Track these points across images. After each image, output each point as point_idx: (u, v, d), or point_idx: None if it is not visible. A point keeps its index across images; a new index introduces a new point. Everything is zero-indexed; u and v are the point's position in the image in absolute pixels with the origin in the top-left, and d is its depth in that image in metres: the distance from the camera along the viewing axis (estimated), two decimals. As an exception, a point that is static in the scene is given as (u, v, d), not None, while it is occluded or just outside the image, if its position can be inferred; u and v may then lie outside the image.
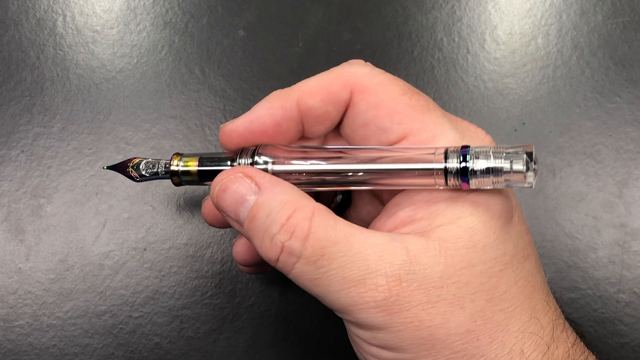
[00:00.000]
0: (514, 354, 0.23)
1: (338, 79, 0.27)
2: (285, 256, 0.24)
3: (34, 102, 0.38)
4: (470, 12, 0.41)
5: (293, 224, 0.24)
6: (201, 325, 0.35)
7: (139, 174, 0.31)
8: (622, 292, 0.35)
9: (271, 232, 0.24)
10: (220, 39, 0.40)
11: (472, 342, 0.23)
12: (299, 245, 0.24)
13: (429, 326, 0.23)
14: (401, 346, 0.24)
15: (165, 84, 0.39)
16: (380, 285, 0.23)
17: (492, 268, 0.24)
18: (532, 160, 0.24)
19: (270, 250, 0.24)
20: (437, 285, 0.23)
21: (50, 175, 0.37)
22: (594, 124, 0.38)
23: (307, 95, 0.27)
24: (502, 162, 0.24)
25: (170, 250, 0.36)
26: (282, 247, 0.24)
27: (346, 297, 0.24)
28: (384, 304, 0.23)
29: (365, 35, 0.40)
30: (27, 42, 0.39)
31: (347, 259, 0.24)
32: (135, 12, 0.40)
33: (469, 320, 0.23)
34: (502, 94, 0.39)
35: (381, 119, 0.27)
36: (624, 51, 0.39)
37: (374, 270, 0.23)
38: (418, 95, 0.27)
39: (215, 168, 0.28)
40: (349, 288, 0.24)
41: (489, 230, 0.24)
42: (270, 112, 0.27)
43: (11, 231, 0.36)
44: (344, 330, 0.27)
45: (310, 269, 0.24)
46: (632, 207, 0.36)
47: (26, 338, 0.34)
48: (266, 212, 0.24)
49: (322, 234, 0.24)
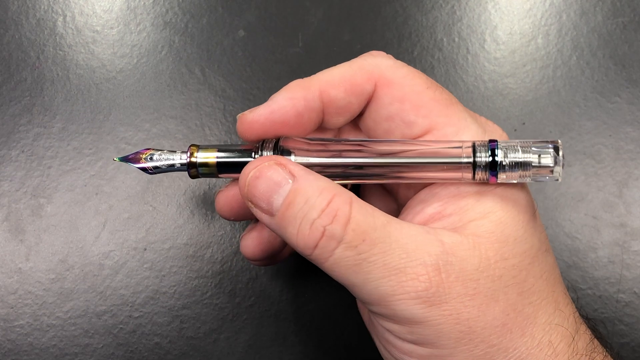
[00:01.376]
0: (542, 346, 0.24)
1: (362, 71, 0.27)
2: (325, 241, 0.23)
3: (34, 102, 0.38)
4: (470, 12, 0.41)
5: (334, 208, 0.23)
6: (201, 325, 0.35)
7: (153, 166, 0.29)
8: (622, 292, 0.35)
9: (311, 217, 0.24)
10: (220, 39, 0.40)
11: (506, 335, 0.23)
12: (340, 230, 0.23)
13: (467, 319, 0.23)
14: (439, 341, 0.23)
15: (165, 84, 0.39)
16: (421, 274, 0.23)
17: (522, 261, 0.24)
18: (560, 155, 0.24)
19: (310, 237, 0.24)
20: (473, 278, 0.23)
21: (50, 175, 0.37)
22: (594, 124, 0.38)
23: (330, 87, 0.27)
24: (531, 156, 0.24)
25: (170, 250, 0.36)
26: (323, 232, 0.23)
27: (386, 285, 0.23)
28: (425, 295, 0.23)
29: (365, 35, 0.40)
30: (27, 42, 0.39)
31: (387, 246, 0.23)
32: (135, 12, 0.40)
33: (503, 313, 0.23)
34: (502, 94, 0.39)
35: (406, 112, 0.27)
36: (624, 51, 0.39)
37: (414, 259, 0.23)
38: (441, 89, 0.27)
39: (235, 160, 0.28)
40: (390, 276, 0.23)
41: (518, 224, 0.25)
42: (293, 103, 0.27)
43: (11, 231, 0.36)
44: (344, 331, 0.27)
45: (350, 254, 0.23)
46: (632, 207, 0.36)
47: (26, 338, 0.34)
48: (304, 198, 0.24)
49: (362, 220, 0.23)
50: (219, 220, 0.36)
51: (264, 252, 0.30)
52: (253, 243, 0.30)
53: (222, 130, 0.38)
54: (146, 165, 0.29)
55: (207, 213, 0.36)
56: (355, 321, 0.35)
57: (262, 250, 0.30)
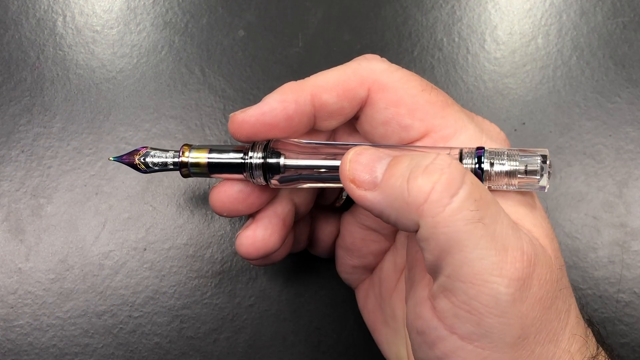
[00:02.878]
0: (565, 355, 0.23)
1: (355, 75, 0.27)
2: (442, 190, 0.22)
3: (34, 102, 0.38)
4: (470, 12, 0.41)
5: (443, 162, 0.22)
6: (201, 325, 0.35)
7: (146, 165, 0.29)
8: (622, 292, 0.35)
9: (423, 164, 0.22)
10: (220, 39, 0.40)
11: (546, 345, 0.23)
12: (459, 179, 0.22)
13: (530, 325, 0.22)
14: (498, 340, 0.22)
15: (165, 84, 0.39)
16: (518, 261, 0.22)
17: (561, 271, 0.24)
18: (547, 164, 0.24)
19: (425, 181, 0.22)
20: (546, 283, 0.23)
21: (50, 175, 0.37)
22: (594, 124, 0.38)
23: (323, 90, 0.27)
24: (517, 164, 0.24)
25: (170, 250, 0.36)
26: (442, 171, 0.22)
27: (488, 260, 0.21)
28: (515, 286, 0.21)
29: (365, 35, 0.40)
30: (27, 42, 0.39)
31: (498, 214, 0.22)
32: (135, 12, 0.40)
33: (552, 322, 0.23)
34: (502, 94, 0.39)
35: (402, 116, 0.26)
36: (624, 51, 0.39)
37: (517, 239, 0.22)
38: (437, 90, 0.27)
39: (225, 160, 0.28)
40: (495, 249, 0.21)
41: (549, 230, 0.25)
42: (283, 106, 0.26)
43: (11, 231, 0.36)
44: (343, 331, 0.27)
45: (470, 208, 0.21)
46: (632, 207, 0.36)
47: (26, 338, 0.34)
48: (408, 157, 0.23)
49: (474, 179, 0.23)
50: (219, 220, 0.36)
51: (258, 250, 0.29)
52: (247, 241, 0.29)
53: (222, 130, 0.38)
54: (139, 166, 0.29)
55: (207, 213, 0.36)
56: (355, 321, 0.35)
57: (256, 248, 0.29)
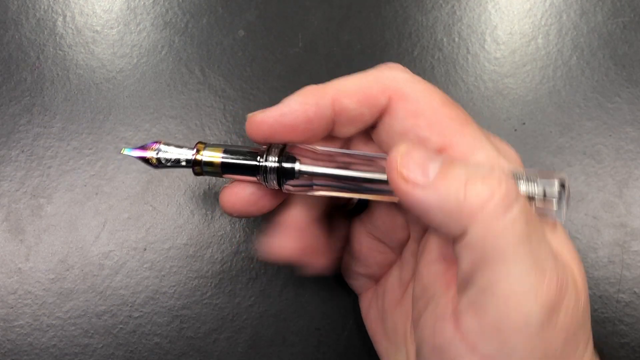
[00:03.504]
0: None
1: (377, 82, 0.26)
2: (505, 194, 0.22)
3: (34, 102, 0.38)
4: (470, 12, 0.41)
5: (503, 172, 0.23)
6: (201, 325, 0.35)
7: (159, 161, 0.28)
8: (622, 292, 0.35)
9: (481, 171, 0.22)
10: (220, 39, 0.40)
11: None
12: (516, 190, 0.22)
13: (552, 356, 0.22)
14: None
15: (165, 84, 0.39)
16: (553, 286, 0.21)
17: (584, 296, 0.24)
18: (565, 191, 0.23)
19: (484, 188, 0.22)
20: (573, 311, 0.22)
21: (50, 175, 0.37)
22: (594, 124, 0.38)
23: (344, 95, 0.26)
24: (536, 188, 0.24)
25: (170, 250, 0.36)
26: (500, 182, 0.22)
27: (531, 276, 0.21)
28: (546, 310, 0.21)
29: (365, 35, 0.40)
30: (27, 42, 0.39)
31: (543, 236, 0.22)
32: (135, 12, 0.40)
33: (574, 350, 0.23)
34: (502, 94, 0.39)
35: (420, 128, 0.26)
36: (624, 51, 0.39)
37: (552, 259, 0.22)
38: (457, 107, 0.27)
39: (239, 162, 0.27)
40: (538, 266, 0.21)
41: (575, 254, 0.25)
42: (304, 108, 0.26)
43: (11, 231, 0.36)
44: (343, 331, 0.27)
45: (524, 223, 0.21)
46: (632, 207, 0.36)
47: (26, 338, 0.34)
48: (463, 163, 0.23)
49: None
50: (219, 220, 0.36)
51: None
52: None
53: (222, 130, 0.38)
54: (151, 161, 0.28)
55: (207, 213, 0.36)
56: (355, 321, 0.35)
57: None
